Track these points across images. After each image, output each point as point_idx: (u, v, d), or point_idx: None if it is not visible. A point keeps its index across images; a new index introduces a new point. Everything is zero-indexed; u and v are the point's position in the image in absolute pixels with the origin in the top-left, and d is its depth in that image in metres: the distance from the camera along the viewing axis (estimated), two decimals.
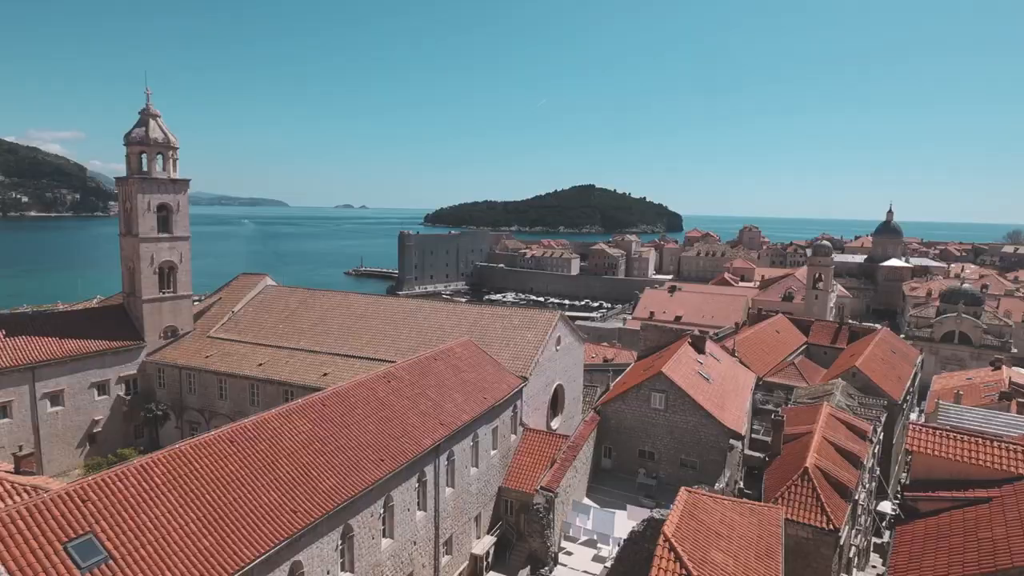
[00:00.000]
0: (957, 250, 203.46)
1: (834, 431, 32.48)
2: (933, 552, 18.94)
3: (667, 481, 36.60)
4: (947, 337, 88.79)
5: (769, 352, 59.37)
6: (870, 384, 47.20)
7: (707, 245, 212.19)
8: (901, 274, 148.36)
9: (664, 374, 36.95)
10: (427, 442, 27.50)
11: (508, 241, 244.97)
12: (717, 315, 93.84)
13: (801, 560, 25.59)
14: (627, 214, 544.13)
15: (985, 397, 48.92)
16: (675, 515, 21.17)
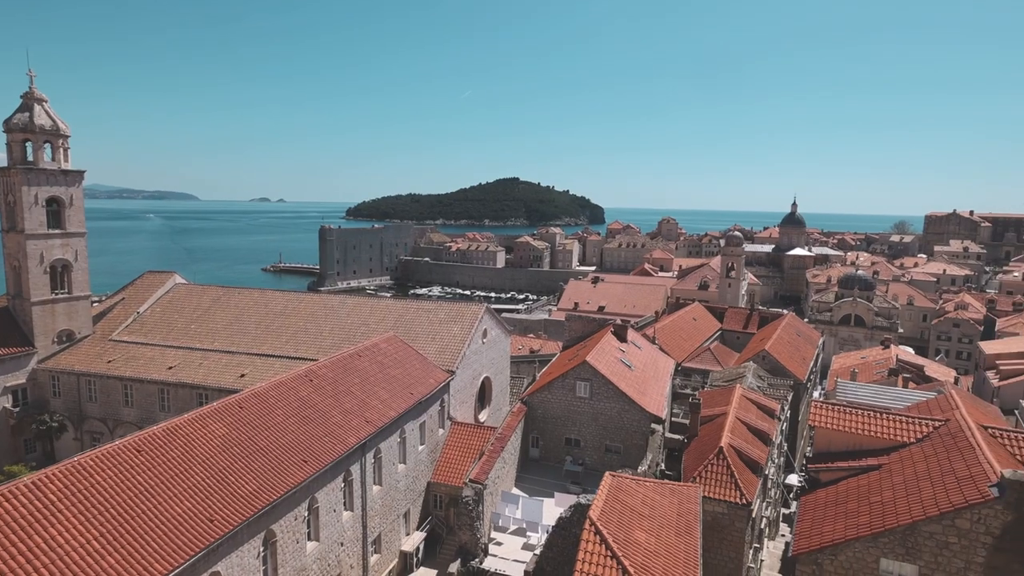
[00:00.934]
0: (852, 239, 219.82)
1: (746, 411, 34.41)
2: (832, 517, 20.50)
3: (593, 467, 37.58)
4: (844, 320, 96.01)
5: (687, 339, 62.09)
6: (778, 366, 50.37)
7: (628, 237, 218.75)
8: (804, 262, 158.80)
9: (588, 363, 37.84)
10: (352, 440, 26.92)
11: (433, 235, 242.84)
12: (638, 304, 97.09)
13: (717, 534, 27.02)
14: (551, 207, 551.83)
15: (877, 374, 53.32)
16: (600, 499, 21.80)
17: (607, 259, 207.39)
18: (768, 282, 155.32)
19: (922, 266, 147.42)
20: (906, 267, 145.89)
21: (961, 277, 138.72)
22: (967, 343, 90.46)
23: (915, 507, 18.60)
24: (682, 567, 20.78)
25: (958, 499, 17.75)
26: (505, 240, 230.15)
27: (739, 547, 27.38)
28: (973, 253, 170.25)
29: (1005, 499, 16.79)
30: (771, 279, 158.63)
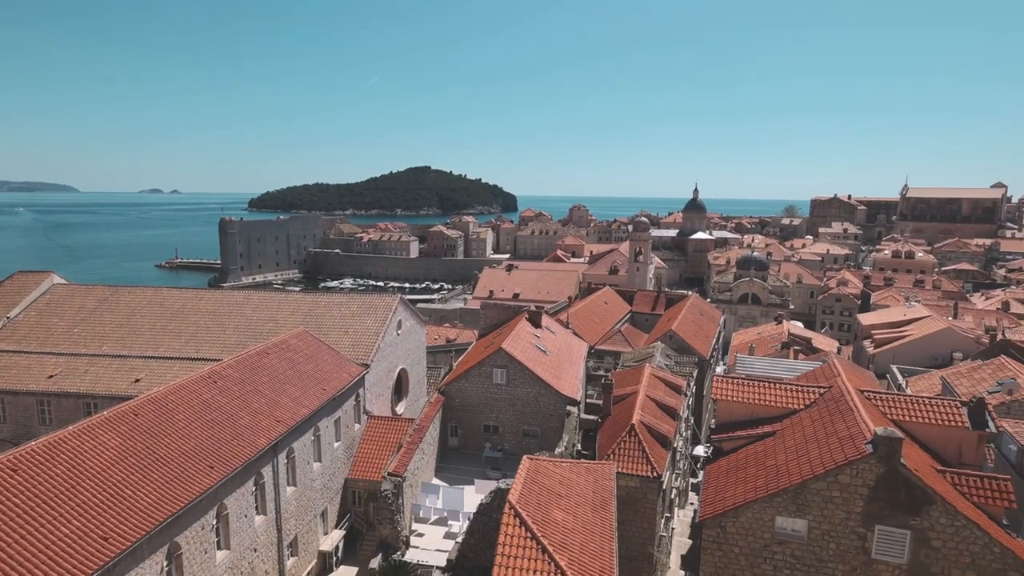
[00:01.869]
0: (748, 223, 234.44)
1: (655, 389, 36.06)
2: (734, 483, 21.96)
3: (512, 452, 38.14)
4: (743, 299, 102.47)
5: (599, 322, 64.08)
6: (684, 344, 53.07)
7: (540, 224, 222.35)
8: (706, 246, 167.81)
9: (504, 350, 38.24)
10: (262, 442, 25.81)
11: (343, 225, 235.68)
12: (552, 290, 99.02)
13: (631, 507, 28.24)
14: (463, 195, 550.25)
15: (771, 348, 57.47)
16: (519, 483, 22.18)
17: (521, 247, 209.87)
18: (673, 265, 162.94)
19: (809, 247, 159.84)
20: (795, 248, 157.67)
21: (842, 256, 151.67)
22: (847, 316, 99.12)
23: (804, 467, 20.29)
24: (598, 541, 21.58)
25: (840, 457, 19.52)
26: (418, 230, 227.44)
27: (651, 518, 28.76)
28: (851, 234, 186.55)
29: (878, 454, 18.66)
30: (676, 262, 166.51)
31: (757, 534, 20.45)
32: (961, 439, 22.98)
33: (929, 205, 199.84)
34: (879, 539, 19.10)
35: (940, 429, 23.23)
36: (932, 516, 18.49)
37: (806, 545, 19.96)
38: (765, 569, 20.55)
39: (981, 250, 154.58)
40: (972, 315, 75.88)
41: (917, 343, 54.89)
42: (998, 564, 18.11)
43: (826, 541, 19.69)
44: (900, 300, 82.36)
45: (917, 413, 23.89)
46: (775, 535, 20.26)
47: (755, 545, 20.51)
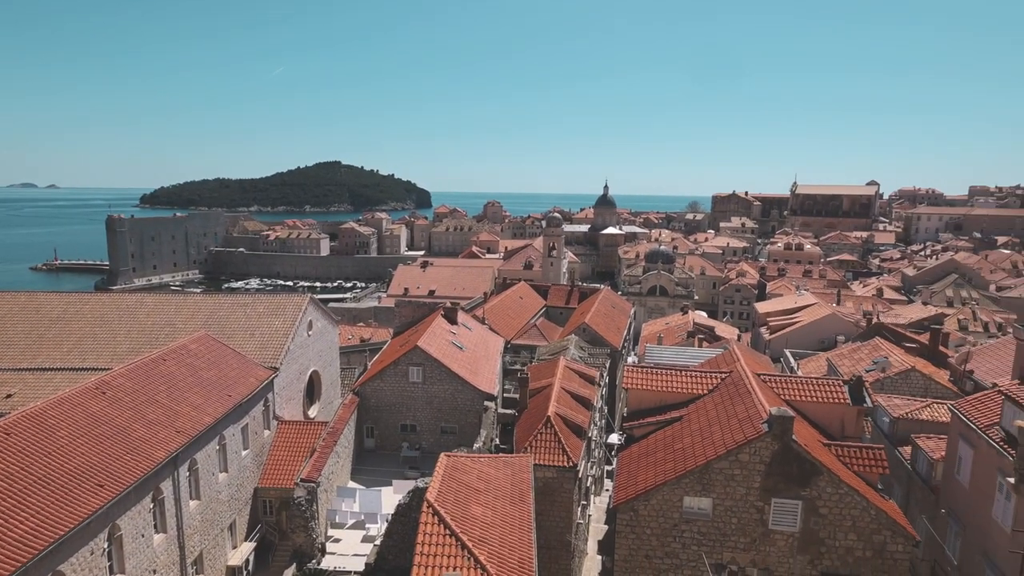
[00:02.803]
0: (655, 218, 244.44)
1: (570, 381, 36.91)
2: (644, 468, 22.89)
3: (430, 450, 37.84)
4: (651, 291, 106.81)
5: (515, 317, 64.75)
6: (597, 336, 54.65)
7: (455, 220, 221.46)
8: (616, 240, 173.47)
9: (420, 348, 37.84)
10: (160, 455, 24.11)
11: (248, 223, 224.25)
12: (468, 287, 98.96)
13: (548, 497, 28.78)
14: (376, 191, 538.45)
15: (678, 337, 60.28)
16: (436, 481, 22.04)
17: (435, 243, 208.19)
18: (586, 259, 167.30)
19: (711, 240, 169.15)
20: (699, 242, 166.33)
21: (740, 249, 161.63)
22: (746, 305, 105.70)
23: (708, 449, 21.47)
24: (517, 533, 21.85)
25: (740, 437, 20.82)
26: (329, 227, 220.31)
27: (568, 507, 29.45)
28: (748, 228, 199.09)
29: (772, 432, 20.06)
30: (588, 257, 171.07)
31: (667, 514, 21.44)
32: (843, 414, 25.13)
33: (815, 201, 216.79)
34: (775, 511, 20.56)
35: (825, 406, 25.28)
36: (820, 486, 20.12)
37: (711, 521, 21.15)
38: (675, 547, 21.59)
39: (859, 242, 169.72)
40: (852, 301, 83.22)
41: (806, 328, 59.40)
42: (874, 524, 20.00)
43: (729, 516, 20.96)
44: (791, 289, 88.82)
45: (806, 393, 25.87)
46: (683, 514, 21.32)
47: (665, 525, 21.50)
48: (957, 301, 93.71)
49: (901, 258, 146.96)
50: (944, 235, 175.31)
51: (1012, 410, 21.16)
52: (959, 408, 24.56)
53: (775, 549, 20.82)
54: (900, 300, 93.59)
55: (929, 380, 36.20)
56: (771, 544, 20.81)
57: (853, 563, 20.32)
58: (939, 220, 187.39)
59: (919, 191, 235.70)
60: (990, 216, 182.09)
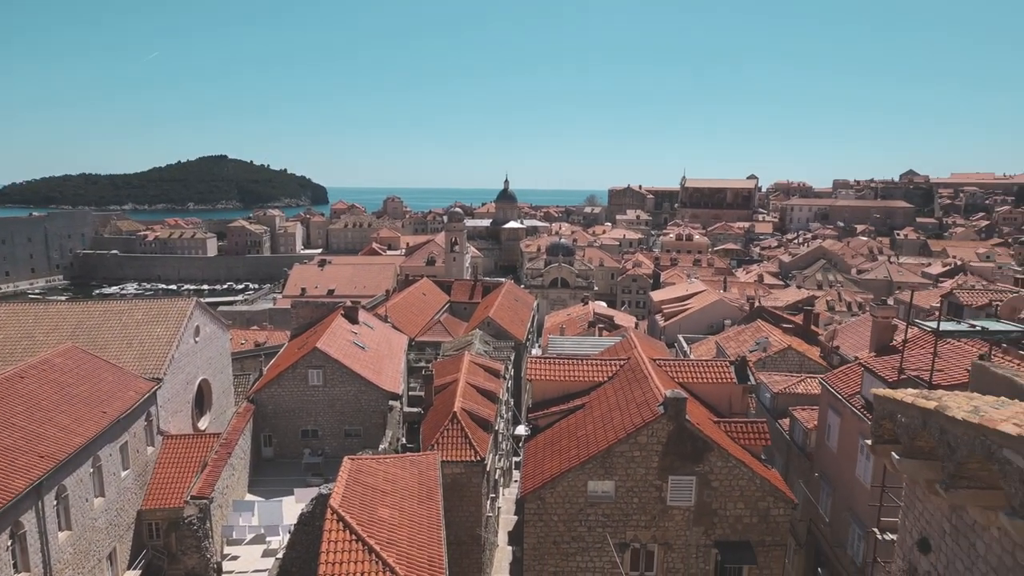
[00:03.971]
0: (555, 212, 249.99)
1: (475, 375, 36.98)
2: (550, 456, 23.35)
3: (334, 454, 36.53)
4: (553, 283, 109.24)
5: (418, 314, 63.95)
6: (501, 330, 55.13)
7: (354, 217, 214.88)
8: (518, 234, 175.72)
9: (319, 349, 36.44)
10: (19, 484, 21.56)
11: (121, 222, 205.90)
12: (369, 285, 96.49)
13: (457, 493, 28.73)
14: (268, 187, 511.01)
15: (580, 327, 61.99)
16: (340, 485, 21.34)
17: (333, 240, 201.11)
18: (488, 254, 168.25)
19: (608, 232, 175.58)
20: (597, 234, 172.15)
21: (636, 240, 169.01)
22: (642, 294, 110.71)
23: (610, 434, 22.25)
24: (426, 532, 21.61)
25: (638, 421, 21.73)
26: (216, 225, 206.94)
27: (478, 500, 29.55)
28: (643, 220, 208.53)
29: (668, 414, 21.12)
30: (491, 251, 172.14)
31: (573, 500, 22.01)
32: (730, 393, 26.93)
33: (702, 194, 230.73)
34: (672, 488, 21.68)
35: (715, 386, 26.99)
36: (711, 461, 21.44)
37: (614, 503, 21.96)
38: (581, 531, 22.23)
39: (742, 232, 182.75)
40: (737, 287, 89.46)
41: (697, 314, 63.10)
42: (759, 492, 21.62)
43: (630, 497, 21.85)
44: (683, 278, 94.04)
45: (697, 375, 27.48)
46: (588, 498, 21.98)
47: (572, 511, 22.07)
48: (825, 284, 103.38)
49: (778, 246, 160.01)
50: (814, 224, 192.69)
51: (870, 380, 23.59)
52: (827, 381, 27.07)
53: (673, 524, 21.97)
54: (778, 285, 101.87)
55: (803, 357, 39.58)
56: (669, 519, 21.95)
57: (742, 530, 21.87)
58: (809, 211, 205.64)
59: (792, 184, 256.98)
60: (850, 207, 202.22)
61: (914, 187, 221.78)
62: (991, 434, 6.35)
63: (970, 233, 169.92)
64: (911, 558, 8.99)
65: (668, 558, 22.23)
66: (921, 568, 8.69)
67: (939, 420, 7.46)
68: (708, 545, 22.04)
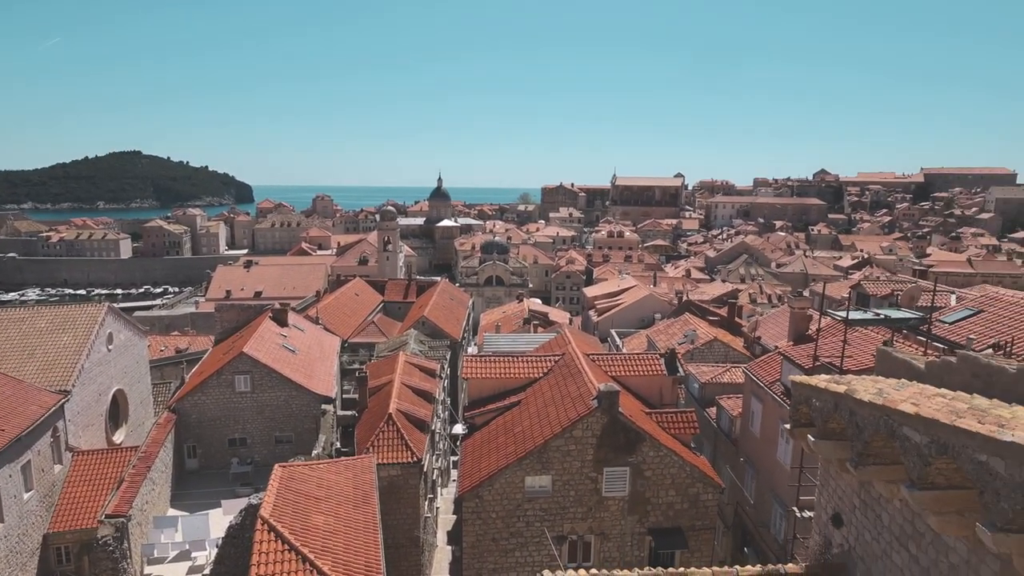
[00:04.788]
0: (489, 210, 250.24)
1: (410, 375, 36.51)
2: (487, 454, 23.38)
3: (264, 462, 35.17)
4: (488, 281, 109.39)
5: (351, 315, 62.52)
6: (436, 329, 54.68)
7: (282, 216, 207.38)
8: (452, 232, 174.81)
9: (246, 354, 34.98)
10: None
11: (19, 223, 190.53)
12: (299, 286, 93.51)
13: (394, 495, 28.28)
14: (187, 185, 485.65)
15: (515, 324, 62.42)
16: (271, 494, 20.59)
17: (260, 241, 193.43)
18: (422, 253, 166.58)
19: (542, 230, 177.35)
20: (531, 232, 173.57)
21: (569, 237, 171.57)
22: (576, 290, 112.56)
23: (546, 429, 22.50)
24: (363, 537, 21.16)
25: (573, 415, 22.09)
26: (130, 225, 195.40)
27: (415, 502, 29.19)
28: (576, 217, 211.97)
29: (601, 407, 21.58)
30: (425, 250, 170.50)
31: (511, 496, 22.13)
32: (661, 384, 27.81)
33: (632, 192, 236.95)
34: (607, 479, 22.18)
35: (646, 379, 27.78)
36: (643, 452, 22.07)
37: (551, 497, 22.24)
38: (520, 527, 22.39)
39: (670, 228, 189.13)
40: (667, 282, 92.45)
41: (629, 309, 64.78)
42: (689, 479, 22.45)
43: (567, 490, 22.20)
44: (615, 274, 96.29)
45: (629, 368, 28.20)
46: (526, 494, 22.16)
47: (509, 507, 22.18)
48: (748, 277, 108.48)
49: (704, 242, 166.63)
50: (736, 221, 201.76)
51: (788, 367, 24.93)
52: (750, 370, 28.41)
53: (608, 514, 22.49)
54: (704, 279, 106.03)
55: (728, 348, 41.38)
56: (605, 510, 22.44)
57: (673, 516, 22.65)
58: (732, 208, 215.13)
59: (716, 182, 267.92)
60: (770, 204, 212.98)
61: (826, 185, 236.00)
62: (892, 414, 6.82)
63: (875, 228, 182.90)
64: (826, 532, 9.56)
65: (604, 548, 22.73)
66: (835, 541, 9.24)
67: (848, 403, 7.95)
68: (642, 533, 22.69)
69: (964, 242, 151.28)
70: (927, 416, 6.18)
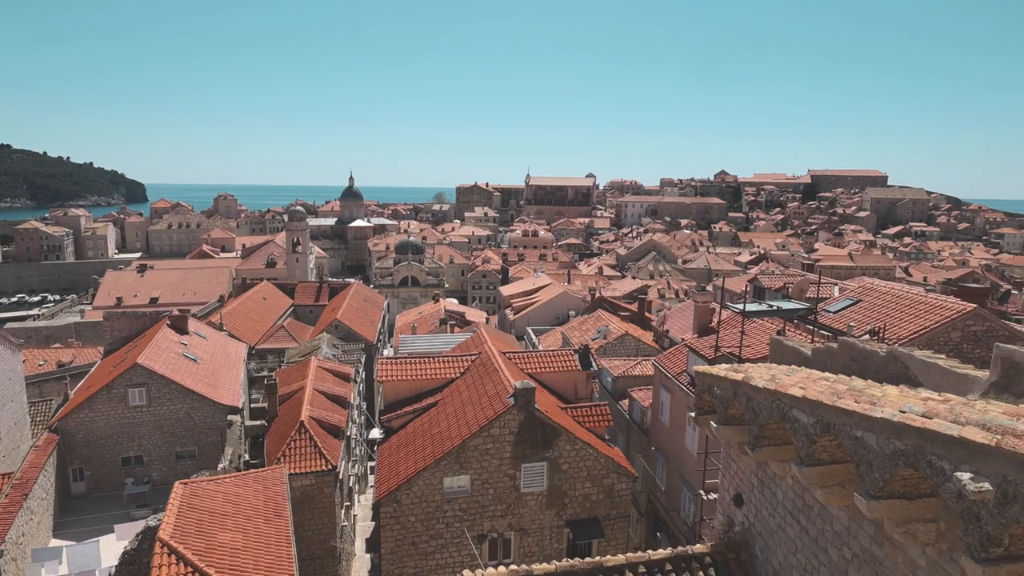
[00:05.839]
0: (403, 210, 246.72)
1: (323, 381, 35.33)
2: (405, 457, 23.02)
3: (163, 481, 32.92)
4: (403, 282, 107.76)
5: (259, 320, 59.70)
6: (350, 332, 53.26)
7: (179, 216, 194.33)
8: (365, 233, 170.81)
9: (141, 365, 32.53)
10: None
11: None
12: (200, 291, 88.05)
13: (308, 505, 27.28)
14: (68, 183, 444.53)
15: (431, 325, 61.81)
16: (171, 514, 19.26)
17: (155, 243, 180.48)
18: (334, 254, 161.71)
19: (457, 229, 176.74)
20: (446, 231, 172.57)
21: (484, 237, 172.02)
22: (492, 289, 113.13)
23: (463, 429, 22.44)
24: (275, 552, 20.24)
25: (490, 413, 22.16)
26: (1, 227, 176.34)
27: (331, 511, 28.28)
28: (491, 217, 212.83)
29: (518, 405, 21.79)
30: (337, 251, 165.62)
31: (429, 499, 21.91)
32: (576, 379, 28.47)
33: (546, 192, 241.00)
34: (525, 475, 22.43)
35: (561, 374, 28.35)
36: (560, 446, 22.50)
37: (471, 496, 22.22)
38: (439, 528, 22.21)
39: (583, 227, 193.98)
40: (580, 279, 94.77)
41: (544, 306, 65.86)
42: (604, 470, 23.13)
43: (486, 488, 22.25)
44: (530, 272, 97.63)
45: (545, 364, 28.66)
46: (445, 495, 22.01)
47: (428, 509, 21.96)
48: (656, 274, 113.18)
49: (615, 240, 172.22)
50: (645, 219, 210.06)
51: (693, 358, 26.24)
52: (659, 362, 29.65)
53: (527, 510, 22.75)
54: (616, 276, 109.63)
55: (639, 342, 42.99)
56: (524, 506, 22.69)
57: (590, 507, 23.25)
58: (640, 207, 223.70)
59: (626, 182, 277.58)
60: (675, 203, 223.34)
61: (726, 185, 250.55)
62: (783, 397, 7.33)
63: (769, 225, 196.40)
64: (729, 512, 10.13)
65: (524, 543, 22.98)
66: (737, 519, 9.82)
67: (745, 389, 8.46)
68: (560, 526, 23.14)
69: (846, 238, 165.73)
70: (812, 398, 6.68)
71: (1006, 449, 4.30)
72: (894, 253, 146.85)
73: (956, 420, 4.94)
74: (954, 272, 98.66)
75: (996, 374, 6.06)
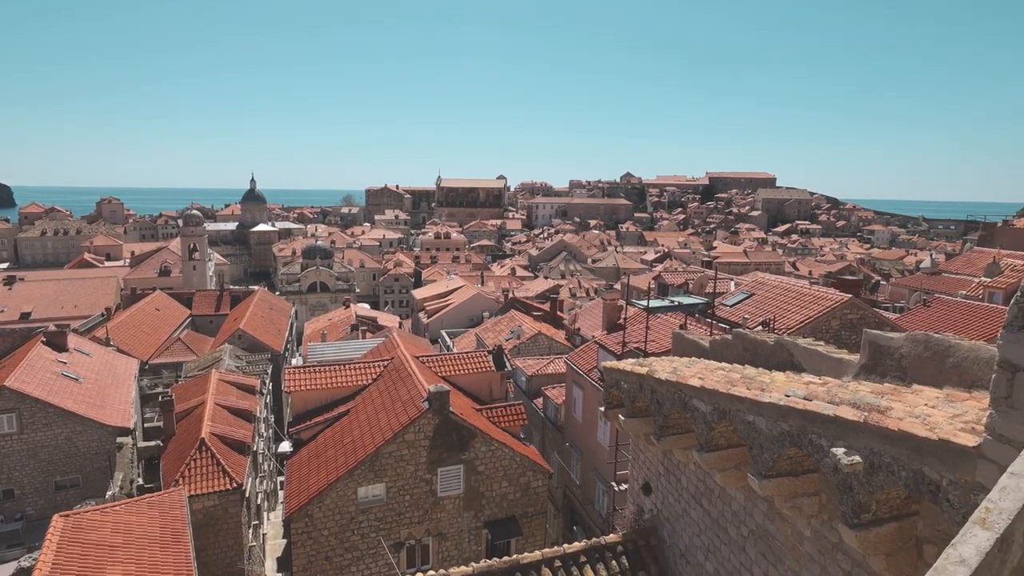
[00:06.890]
0: (310, 213, 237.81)
1: (226, 395, 33.37)
2: (316, 470, 22.16)
3: (40, 516, 29.86)
4: (311, 288, 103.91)
5: (152, 333, 55.58)
6: (255, 342, 50.71)
7: (55, 222, 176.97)
8: (270, 237, 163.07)
9: (9, 387, 29.36)
10: None
11: None
12: (82, 303, 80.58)
13: (212, 527, 25.64)
14: None
15: (342, 331, 59.99)
16: (49, 551, 17.51)
17: (26, 252, 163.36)
18: (236, 260, 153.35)
19: (368, 233, 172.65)
20: (356, 235, 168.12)
21: (396, 239, 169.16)
22: (405, 293, 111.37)
23: (377, 436, 21.91)
24: None
25: (404, 419, 21.78)
26: None
27: (237, 531, 26.72)
28: (402, 219, 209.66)
29: (432, 408, 21.56)
30: (239, 256, 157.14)
31: (343, 510, 21.21)
32: (490, 380, 28.55)
33: (457, 194, 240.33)
34: (441, 479, 22.22)
35: (476, 376, 28.33)
36: (476, 448, 22.47)
37: (387, 504, 21.74)
38: (355, 540, 21.55)
39: (495, 228, 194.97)
40: (493, 281, 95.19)
41: (458, 309, 65.60)
42: (520, 469, 23.33)
43: (402, 495, 21.84)
44: (443, 275, 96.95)
45: (459, 367, 28.54)
46: (359, 505, 21.40)
47: (342, 521, 21.26)
48: (567, 273, 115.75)
49: (527, 241, 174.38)
50: (556, 220, 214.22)
51: (603, 355, 27.03)
52: (571, 360, 30.31)
53: (445, 514, 22.55)
54: (528, 276, 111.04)
55: (552, 340, 43.76)
56: (441, 510, 22.47)
57: (507, 506, 23.37)
58: (551, 208, 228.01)
59: (536, 184, 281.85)
60: (584, 204, 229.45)
61: (631, 187, 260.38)
62: (684, 388, 7.67)
63: (672, 225, 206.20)
64: (638, 501, 10.49)
65: (442, 548, 22.76)
66: (646, 507, 10.18)
67: (650, 382, 8.79)
68: (479, 527, 23.10)
69: (741, 236, 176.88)
70: (710, 387, 7.04)
71: (872, 424, 4.71)
72: (783, 249, 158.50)
73: (832, 401, 5.37)
74: (834, 266, 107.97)
75: (865, 357, 6.64)
